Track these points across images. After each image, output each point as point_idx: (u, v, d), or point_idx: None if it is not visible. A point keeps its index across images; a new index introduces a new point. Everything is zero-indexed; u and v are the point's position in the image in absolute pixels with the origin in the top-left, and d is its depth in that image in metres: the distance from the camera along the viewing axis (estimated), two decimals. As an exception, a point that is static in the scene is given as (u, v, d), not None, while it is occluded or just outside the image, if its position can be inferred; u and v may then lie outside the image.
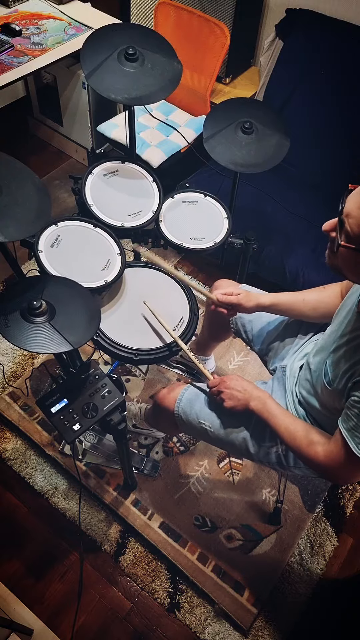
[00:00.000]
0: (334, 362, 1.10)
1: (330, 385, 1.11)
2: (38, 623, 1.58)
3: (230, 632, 1.60)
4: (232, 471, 1.88)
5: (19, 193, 1.20)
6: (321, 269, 2.00)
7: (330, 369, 1.11)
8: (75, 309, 1.20)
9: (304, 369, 1.31)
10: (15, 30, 2.10)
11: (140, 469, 1.83)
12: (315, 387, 1.22)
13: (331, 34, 2.15)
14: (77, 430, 1.21)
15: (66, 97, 2.56)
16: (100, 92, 1.41)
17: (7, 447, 1.88)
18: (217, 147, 1.55)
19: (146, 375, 2.09)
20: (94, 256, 1.45)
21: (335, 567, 1.75)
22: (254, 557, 1.72)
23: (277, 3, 2.36)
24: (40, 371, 2.06)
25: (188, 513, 1.78)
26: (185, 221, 1.63)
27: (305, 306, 1.34)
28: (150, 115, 2.40)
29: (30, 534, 1.74)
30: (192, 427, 1.40)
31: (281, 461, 1.31)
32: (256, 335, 1.53)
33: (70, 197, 2.64)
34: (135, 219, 1.55)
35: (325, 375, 1.13)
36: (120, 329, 1.42)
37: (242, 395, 1.23)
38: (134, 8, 2.61)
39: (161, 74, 1.45)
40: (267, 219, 2.16)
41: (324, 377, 1.13)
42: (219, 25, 2.19)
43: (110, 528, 1.75)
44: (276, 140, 1.57)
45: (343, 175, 2.21)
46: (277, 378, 1.42)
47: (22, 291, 1.18)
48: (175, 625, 1.62)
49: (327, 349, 1.16)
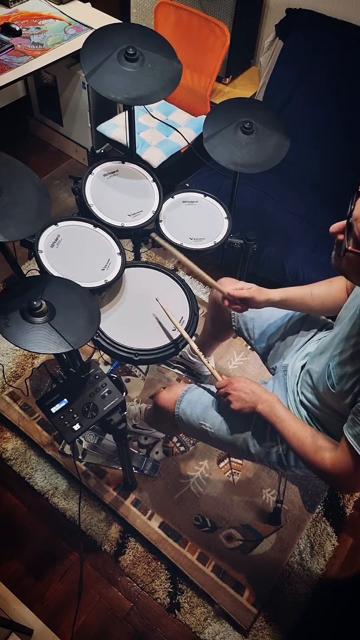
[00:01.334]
0: (338, 365, 1.10)
1: (334, 388, 1.10)
2: (38, 623, 1.58)
3: (230, 632, 1.60)
4: (232, 471, 1.88)
5: (19, 193, 1.20)
6: (321, 269, 2.00)
7: (334, 372, 1.10)
8: (75, 309, 1.20)
9: (305, 370, 1.31)
10: (15, 30, 2.10)
11: (140, 469, 1.83)
12: (316, 388, 1.22)
13: (331, 34, 2.15)
14: (77, 430, 1.21)
15: (66, 97, 2.56)
16: (100, 92, 1.41)
17: (7, 447, 1.88)
18: (217, 147, 1.55)
19: (146, 375, 2.09)
20: (94, 256, 1.45)
21: (335, 567, 1.75)
22: (254, 557, 1.72)
23: (277, 3, 2.36)
24: (40, 371, 2.06)
25: (188, 513, 1.78)
26: (185, 221, 1.63)
27: (314, 300, 1.33)
28: (150, 115, 2.40)
29: (30, 534, 1.74)
30: (192, 428, 1.40)
31: (282, 461, 1.31)
32: (257, 334, 1.53)
33: (70, 197, 2.65)
34: (135, 219, 1.55)
35: (328, 378, 1.12)
36: (120, 329, 1.42)
37: (249, 398, 1.23)
38: (134, 8, 2.61)
39: (161, 74, 1.45)
40: (267, 219, 2.16)
41: (327, 379, 1.13)
42: (219, 25, 2.19)
43: (110, 528, 1.75)
44: (276, 140, 1.57)
45: (343, 175, 2.21)
46: (277, 377, 1.42)
47: (22, 291, 1.18)
48: (175, 625, 1.62)
49: (330, 351, 1.16)
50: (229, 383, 1.27)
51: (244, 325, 1.57)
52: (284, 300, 1.35)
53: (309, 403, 1.28)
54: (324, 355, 1.19)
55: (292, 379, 1.37)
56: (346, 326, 1.11)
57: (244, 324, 1.57)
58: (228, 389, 1.26)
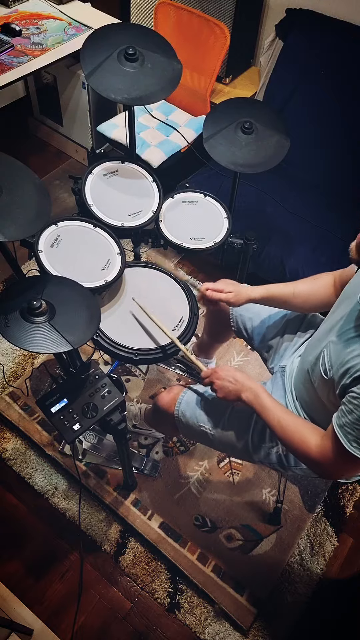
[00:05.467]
0: (335, 351, 1.09)
1: (326, 374, 1.10)
2: (38, 623, 1.58)
3: (230, 632, 1.60)
4: (232, 471, 1.88)
5: (19, 193, 1.20)
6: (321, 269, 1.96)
7: (329, 358, 1.10)
8: (75, 308, 1.20)
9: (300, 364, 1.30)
10: (15, 30, 2.10)
11: (140, 469, 1.83)
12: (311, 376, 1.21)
13: (331, 34, 2.15)
14: (77, 430, 1.21)
15: (66, 97, 2.56)
16: (100, 92, 1.41)
17: (7, 447, 1.88)
18: (217, 147, 1.55)
19: (146, 375, 2.09)
20: (94, 256, 1.45)
21: (335, 567, 1.75)
22: (254, 557, 1.72)
23: (277, 3, 2.36)
24: (40, 371, 2.06)
25: (188, 513, 1.78)
26: (185, 221, 1.63)
27: (296, 298, 1.34)
28: (150, 115, 2.40)
29: (30, 534, 1.74)
30: (191, 429, 1.40)
31: (282, 461, 1.31)
32: (256, 334, 1.53)
33: (70, 197, 2.64)
34: (135, 218, 1.55)
35: (322, 364, 1.12)
36: (120, 329, 1.43)
37: (233, 387, 1.22)
38: (134, 8, 2.61)
39: (161, 74, 1.45)
40: (267, 219, 2.16)
41: (320, 366, 1.13)
42: (219, 25, 2.19)
43: (110, 528, 1.75)
44: (276, 140, 1.57)
45: (343, 175, 2.21)
46: (276, 378, 1.42)
47: (22, 291, 1.18)
48: (175, 625, 1.62)
49: (325, 337, 1.15)
50: (213, 372, 1.27)
51: (242, 325, 1.57)
52: (265, 298, 1.36)
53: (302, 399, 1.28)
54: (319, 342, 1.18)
55: (289, 379, 1.37)
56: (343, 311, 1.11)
57: (243, 325, 1.57)
58: (212, 378, 1.26)
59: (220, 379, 1.24)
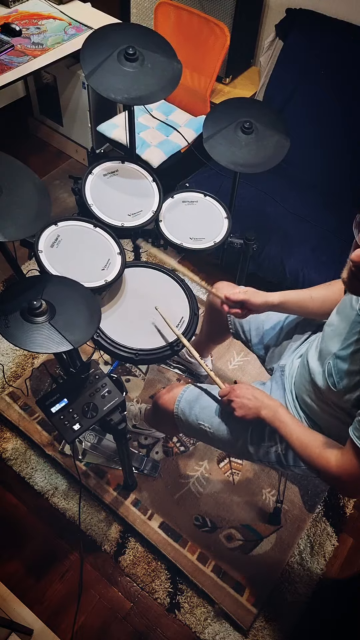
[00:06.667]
0: (341, 363, 1.09)
1: (335, 387, 1.10)
2: (38, 623, 1.58)
3: (230, 632, 1.60)
4: (232, 471, 1.88)
5: (19, 193, 1.20)
6: (321, 269, 2.00)
7: (336, 370, 1.10)
8: (76, 308, 1.20)
9: (302, 369, 1.30)
10: (15, 30, 2.10)
11: (140, 469, 1.83)
12: (316, 384, 1.21)
13: (331, 34, 2.15)
14: (77, 430, 1.21)
15: (66, 97, 2.56)
16: (100, 92, 1.41)
17: (7, 447, 1.88)
18: (217, 147, 1.55)
19: (146, 375, 2.09)
20: (94, 256, 1.45)
21: (335, 567, 1.75)
22: (254, 557, 1.72)
23: (277, 3, 2.36)
24: (40, 371, 2.06)
25: (188, 513, 1.78)
26: (185, 221, 1.63)
27: (313, 303, 1.33)
28: (150, 115, 2.40)
29: (30, 534, 1.74)
30: (191, 428, 1.40)
31: (281, 460, 1.30)
32: (254, 336, 1.53)
33: (70, 197, 2.64)
34: (135, 218, 1.55)
35: (329, 376, 1.12)
36: (120, 329, 1.42)
37: (252, 404, 1.22)
38: (134, 8, 2.61)
39: (161, 74, 1.44)
40: (267, 219, 2.16)
41: (327, 378, 1.12)
42: (219, 25, 2.19)
43: (110, 528, 1.75)
44: (276, 140, 1.56)
45: (343, 175, 2.21)
46: (275, 378, 1.42)
47: (22, 291, 1.18)
48: (175, 625, 1.62)
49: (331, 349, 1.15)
50: (232, 390, 1.26)
51: (240, 327, 1.57)
52: (282, 303, 1.34)
53: (305, 404, 1.28)
54: (323, 354, 1.19)
55: (289, 378, 1.37)
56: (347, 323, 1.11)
57: (241, 327, 1.57)
58: (231, 396, 1.25)
59: (239, 397, 1.24)
